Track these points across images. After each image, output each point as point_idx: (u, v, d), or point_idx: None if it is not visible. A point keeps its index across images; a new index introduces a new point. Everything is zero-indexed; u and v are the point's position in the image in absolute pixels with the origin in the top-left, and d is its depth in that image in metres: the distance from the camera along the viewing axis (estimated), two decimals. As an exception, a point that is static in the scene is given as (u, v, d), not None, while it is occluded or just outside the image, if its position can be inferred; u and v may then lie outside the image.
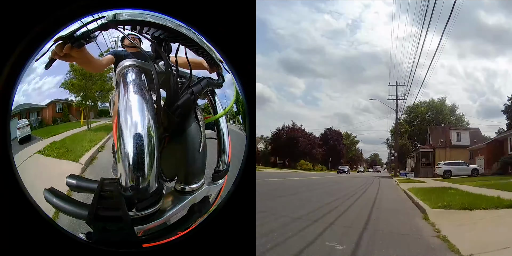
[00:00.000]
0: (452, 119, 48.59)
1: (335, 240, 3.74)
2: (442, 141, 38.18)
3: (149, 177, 1.03)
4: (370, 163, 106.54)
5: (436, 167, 30.40)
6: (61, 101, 1.13)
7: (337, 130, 65.80)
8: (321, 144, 58.08)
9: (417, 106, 48.18)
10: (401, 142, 41.22)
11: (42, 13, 1.05)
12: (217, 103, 1.35)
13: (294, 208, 6.40)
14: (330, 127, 67.47)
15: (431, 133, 40.99)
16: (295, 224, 4.65)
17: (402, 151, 41.37)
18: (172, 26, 1.09)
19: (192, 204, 1.24)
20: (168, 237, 1.18)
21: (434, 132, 40.64)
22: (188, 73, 1.22)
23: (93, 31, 1.05)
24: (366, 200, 8.81)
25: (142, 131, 1.01)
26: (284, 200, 8.00)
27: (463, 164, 29.17)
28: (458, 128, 41.63)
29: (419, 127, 47.31)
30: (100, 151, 1.18)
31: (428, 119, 47.83)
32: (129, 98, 1.06)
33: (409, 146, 43.84)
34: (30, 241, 1.06)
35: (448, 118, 49.03)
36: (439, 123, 45.64)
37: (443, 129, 40.39)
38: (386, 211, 6.74)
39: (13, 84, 1.06)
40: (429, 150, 39.23)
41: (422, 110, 48.25)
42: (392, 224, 5.15)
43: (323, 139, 60.73)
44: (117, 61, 1.19)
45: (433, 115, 48.68)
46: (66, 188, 1.11)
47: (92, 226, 1.01)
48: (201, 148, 1.21)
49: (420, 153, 39.94)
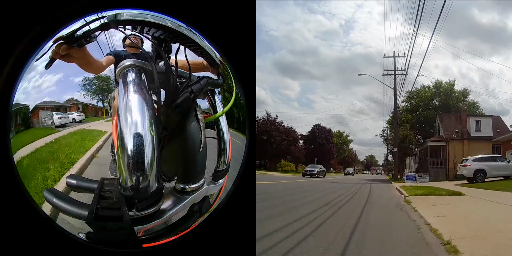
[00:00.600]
0: (464, 107, 36.21)
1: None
2: (457, 131, 28.22)
3: (149, 177, 1.03)
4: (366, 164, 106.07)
5: (460, 165, 19.59)
6: (81, 102, 1.24)
7: (326, 127, 57.20)
8: (305, 140, 51.67)
9: (420, 91, 37.72)
10: (402, 133, 30.30)
11: (42, 13, 1.05)
12: (217, 102, 1.36)
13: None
14: (318, 123, 59.73)
15: (442, 122, 30.24)
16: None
17: (404, 145, 30.43)
18: (173, 27, 1.09)
19: (192, 204, 1.24)
20: (168, 237, 1.17)
21: (446, 121, 30.08)
22: (188, 73, 1.22)
23: (93, 31, 1.05)
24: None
25: (142, 130, 1.01)
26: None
27: (501, 159, 18.59)
28: (478, 115, 31.09)
29: (424, 116, 35.95)
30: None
31: (434, 106, 36.78)
32: (129, 98, 1.06)
33: (412, 138, 31.67)
34: (30, 241, 1.06)
35: (461, 103, 37.62)
36: (450, 110, 34.50)
37: (457, 117, 29.97)
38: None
39: (13, 84, 1.06)
40: (441, 144, 28.67)
41: (427, 95, 37.03)
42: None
43: (310, 137, 54.04)
44: (117, 61, 1.19)
45: (442, 100, 36.73)
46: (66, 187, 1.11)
47: (92, 226, 1.01)
48: (201, 148, 1.21)
49: (428, 148, 29.46)
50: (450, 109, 35.25)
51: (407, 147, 31.45)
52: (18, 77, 1.06)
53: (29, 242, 1.06)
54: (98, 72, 1.22)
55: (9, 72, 1.04)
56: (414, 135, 32.57)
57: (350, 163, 76.90)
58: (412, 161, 40.65)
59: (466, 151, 26.32)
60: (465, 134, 28.02)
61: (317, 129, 55.86)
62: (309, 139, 54.36)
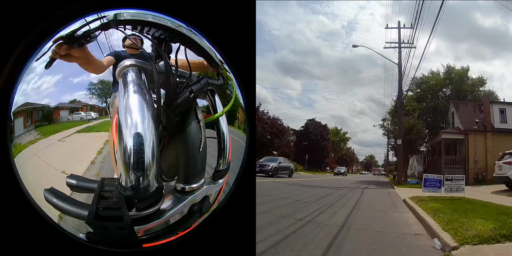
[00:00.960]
0: (484, 93, 29.08)
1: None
2: (478, 121, 22.26)
3: (149, 177, 1.03)
4: (365, 165, 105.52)
5: (501, 163, 13.24)
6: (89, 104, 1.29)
7: (321, 123, 52.06)
8: (298, 135, 46.75)
9: (427, 78, 31.44)
10: (408, 123, 23.24)
11: (42, 13, 1.05)
12: (217, 102, 1.36)
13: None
14: (312, 118, 53.39)
15: (457, 111, 24.24)
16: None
17: (410, 137, 23.24)
18: (173, 26, 1.09)
19: (192, 204, 1.24)
20: (168, 237, 1.18)
21: (462, 109, 24.12)
22: (188, 73, 1.22)
23: (93, 31, 1.05)
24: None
25: (142, 130, 1.01)
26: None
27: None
28: (504, 102, 23.85)
29: (433, 106, 29.70)
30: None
31: (445, 96, 30.49)
32: (129, 98, 1.06)
33: (421, 128, 24.33)
34: (29, 241, 1.06)
35: (477, 90, 30.47)
36: (465, 98, 28.58)
37: (476, 105, 24.15)
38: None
39: (13, 84, 1.06)
40: (458, 137, 22.42)
41: (436, 82, 30.46)
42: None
43: (303, 132, 49.20)
44: (117, 62, 1.19)
45: (456, 86, 30.20)
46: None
47: (92, 226, 1.01)
48: (201, 148, 1.21)
49: (442, 142, 22.43)
50: (465, 97, 28.91)
51: (414, 140, 24.04)
52: (18, 78, 1.06)
53: (28, 242, 1.06)
54: (99, 71, 1.22)
55: (9, 72, 1.05)
56: (423, 125, 25.22)
57: (347, 163, 71.27)
58: (415, 161, 33.85)
59: (490, 146, 20.58)
60: (488, 125, 21.55)
61: (312, 124, 50.71)
62: (302, 134, 49.59)
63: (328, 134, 54.03)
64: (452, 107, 25.52)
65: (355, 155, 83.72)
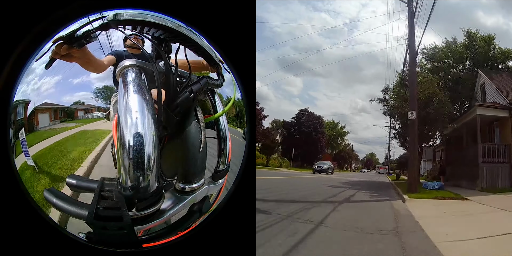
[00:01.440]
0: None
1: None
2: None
3: (149, 177, 1.03)
4: (366, 162, 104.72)
5: None
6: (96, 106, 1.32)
7: (315, 114, 44.48)
8: (288, 127, 40.12)
9: (443, 47, 22.02)
10: (425, 90, 15.24)
11: (42, 13, 1.05)
12: (217, 102, 1.36)
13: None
14: (305, 108, 46.01)
15: (492, 81, 16.49)
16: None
17: (428, 113, 15.09)
18: (173, 26, 1.09)
19: (192, 204, 1.24)
20: (168, 237, 1.17)
21: (498, 79, 16.74)
22: (188, 73, 1.22)
23: (93, 31, 1.06)
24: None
25: (142, 130, 1.01)
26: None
27: None
28: None
29: (455, 76, 20.59)
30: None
31: (466, 67, 21.21)
32: (129, 98, 1.06)
33: (445, 99, 16.10)
34: (29, 241, 1.06)
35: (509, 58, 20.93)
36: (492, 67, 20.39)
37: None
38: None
39: (13, 84, 1.06)
40: (500, 114, 14.58)
41: (456, 49, 21.23)
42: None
43: (293, 124, 42.58)
44: (118, 61, 1.19)
45: (484, 51, 20.71)
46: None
47: (92, 226, 1.01)
48: (201, 148, 1.21)
49: (477, 119, 14.42)
50: (496, 67, 20.45)
51: (434, 117, 15.52)
52: (18, 78, 1.06)
53: (28, 242, 1.06)
54: (100, 71, 1.22)
55: (9, 72, 1.05)
56: (448, 95, 16.99)
57: (346, 159, 62.54)
58: (421, 160, 24.26)
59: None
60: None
61: (304, 115, 43.40)
62: (293, 125, 43.08)
63: (322, 127, 46.54)
64: (481, 77, 17.90)
65: (354, 152, 75.90)
